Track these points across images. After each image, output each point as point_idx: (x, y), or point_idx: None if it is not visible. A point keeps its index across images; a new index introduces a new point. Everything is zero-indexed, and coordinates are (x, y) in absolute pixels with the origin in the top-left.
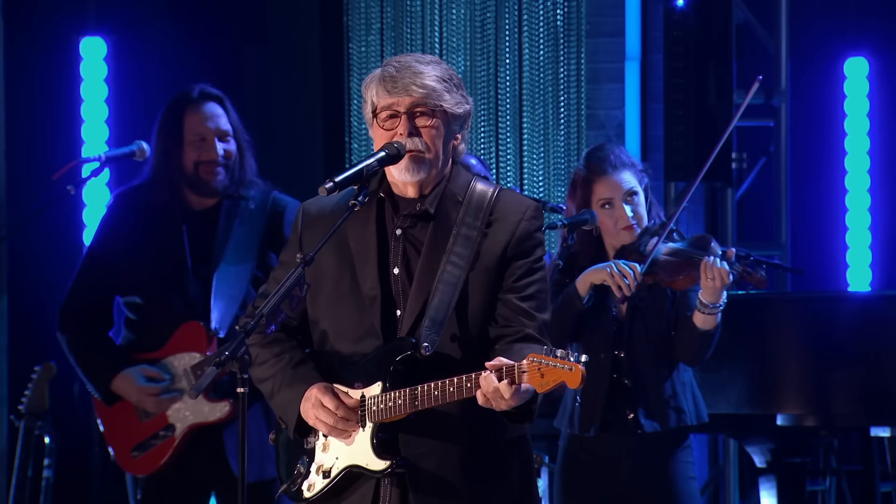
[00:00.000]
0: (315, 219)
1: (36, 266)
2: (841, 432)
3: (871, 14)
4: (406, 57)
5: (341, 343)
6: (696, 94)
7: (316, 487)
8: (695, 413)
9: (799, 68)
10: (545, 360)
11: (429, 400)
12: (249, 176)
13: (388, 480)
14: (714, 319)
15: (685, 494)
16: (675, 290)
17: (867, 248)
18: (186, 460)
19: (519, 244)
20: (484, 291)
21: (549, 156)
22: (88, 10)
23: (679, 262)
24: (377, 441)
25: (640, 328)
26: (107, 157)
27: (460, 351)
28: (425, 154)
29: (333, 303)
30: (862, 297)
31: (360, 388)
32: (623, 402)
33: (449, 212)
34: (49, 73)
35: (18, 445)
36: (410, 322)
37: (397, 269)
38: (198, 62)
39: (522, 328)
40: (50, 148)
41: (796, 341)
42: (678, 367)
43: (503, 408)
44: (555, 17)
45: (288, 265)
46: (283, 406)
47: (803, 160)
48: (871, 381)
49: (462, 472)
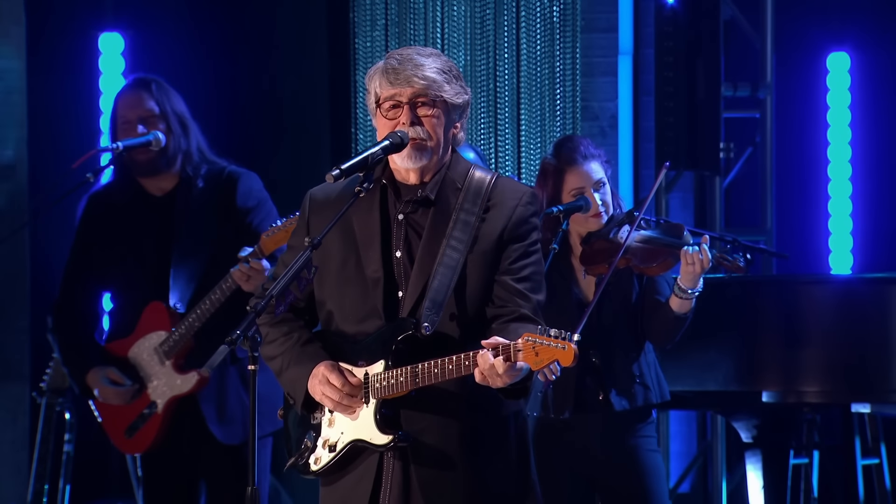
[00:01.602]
0: (321, 204)
1: (56, 250)
2: (823, 409)
3: (853, 11)
4: (407, 50)
5: (346, 323)
6: (685, 87)
7: (322, 461)
8: (658, 391)
9: (783, 63)
10: (539, 339)
11: (429, 377)
12: (196, 156)
13: (390, 454)
14: (690, 304)
15: (650, 467)
16: (642, 275)
17: (848, 234)
18: (174, 433)
19: (515, 228)
20: (482, 274)
21: (546, 146)
22: (106, 7)
23: (654, 249)
24: (380, 416)
25: (608, 310)
26: (124, 146)
27: (459, 331)
28: (427, 142)
29: (339, 285)
30: (843, 281)
31: (364, 366)
32: (593, 382)
33: (449, 198)
34: (69, 66)
35: (40, 421)
36: (412, 303)
37: (399, 252)
38: (209, 56)
39: (517, 308)
40: (70, 138)
41: (781, 322)
42: (644, 348)
43: (499, 384)
44: (551, 13)
45: (296, 249)
46: (292, 382)
47: (788, 150)
48: (852, 360)
49: (461, 445)
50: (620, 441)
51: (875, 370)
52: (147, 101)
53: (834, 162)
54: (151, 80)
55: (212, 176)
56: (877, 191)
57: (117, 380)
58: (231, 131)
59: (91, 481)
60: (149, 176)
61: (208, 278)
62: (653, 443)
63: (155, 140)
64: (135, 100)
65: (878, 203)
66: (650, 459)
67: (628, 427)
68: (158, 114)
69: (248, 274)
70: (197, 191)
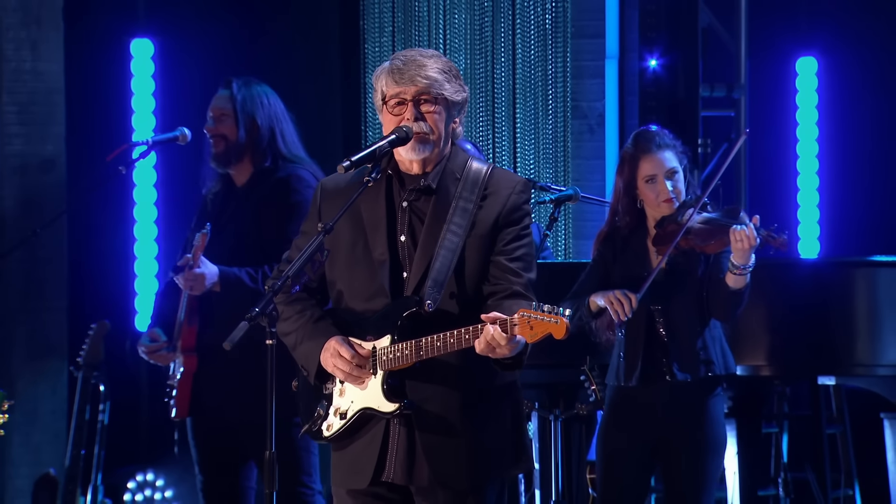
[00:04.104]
0: (331, 193)
1: (92, 236)
2: (792, 382)
3: (820, 20)
4: (411, 52)
5: (355, 301)
6: (666, 88)
7: (334, 427)
8: (723, 364)
9: (756, 66)
10: (534, 315)
11: (432, 350)
12: (270, 153)
13: (396, 421)
14: (744, 280)
15: (713, 438)
16: (707, 255)
17: (815, 223)
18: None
19: (509, 214)
20: (479, 255)
21: (539, 142)
22: (138, 16)
23: (710, 229)
24: (387, 386)
25: (675, 288)
26: (153, 141)
27: (458, 307)
28: (429, 135)
29: (348, 266)
30: (811, 264)
31: (372, 340)
32: (659, 354)
33: (448, 187)
34: (103, 69)
35: (77, 393)
36: (415, 283)
37: (404, 236)
38: (231, 61)
39: (511, 286)
40: (104, 134)
41: (754, 302)
42: (709, 324)
43: (499, 355)
44: (544, 20)
45: (308, 234)
46: (306, 356)
47: (760, 146)
48: (819, 337)
49: (461, 412)
50: (685, 410)
51: (839, 346)
52: (223, 99)
53: (802, 157)
54: (236, 80)
55: (278, 174)
56: (841, 183)
57: (155, 337)
58: None
59: (123, 448)
60: (222, 167)
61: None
62: (719, 416)
63: (181, 135)
64: (217, 98)
65: (842, 194)
66: (713, 434)
67: (694, 398)
68: (231, 111)
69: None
70: (264, 186)
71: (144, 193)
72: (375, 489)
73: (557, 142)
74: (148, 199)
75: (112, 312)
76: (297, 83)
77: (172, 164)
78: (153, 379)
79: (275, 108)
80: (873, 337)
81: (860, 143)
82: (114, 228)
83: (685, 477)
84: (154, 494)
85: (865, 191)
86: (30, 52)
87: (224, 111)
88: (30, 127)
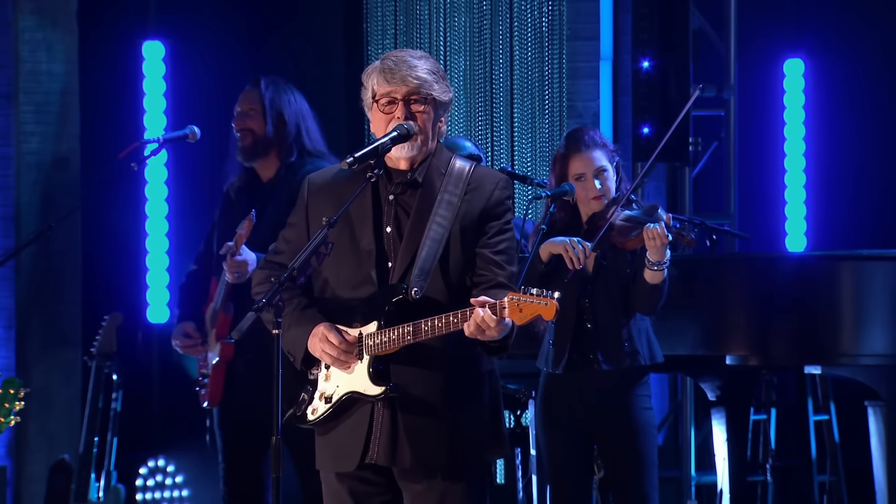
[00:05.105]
0: (318, 188)
1: (105, 230)
2: (779, 371)
3: (807, 23)
4: (401, 53)
5: (342, 290)
6: (658, 88)
7: (319, 411)
8: (649, 355)
9: (745, 68)
10: (523, 298)
11: (420, 334)
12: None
13: (381, 404)
14: (661, 275)
15: (641, 421)
16: (629, 251)
17: (802, 218)
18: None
19: (493, 208)
20: (463, 247)
21: (536, 140)
22: (149, 19)
23: (631, 226)
24: (373, 370)
25: (602, 282)
26: (164, 139)
27: (443, 295)
28: (418, 135)
29: (336, 256)
30: (797, 258)
31: (359, 326)
32: (587, 345)
33: (434, 181)
34: (116, 71)
35: (90, 382)
36: (401, 272)
37: (390, 228)
38: (239, 64)
39: (495, 277)
40: (117, 133)
41: (743, 294)
42: (634, 316)
43: (487, 338)
44: (540, 24)
45: (295, 226)
46: (293, 342)
47: (749, 144)
48: (805, 327)
49: (442, 396)
50: (614, 398)
51: (825, 336)
52: (252, 95)
53: (790, 155)
54: (264, 78)
55: (306, 167)
56: (827, 180)
57: (191, 333)
58: None
59: (135, 435)
60: (248, 160)
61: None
62: (646, 401)
63: (191, 133)
64: (245, 94)
65: (828, 191)
66: (642, 417)
67: (621, 386)
68: (259, 106)
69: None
70: (294, 179)
71: (156, 190)
72: (361, 472)
73: (554, 140)
74: (159, 196)
75: (124, 304)
76: (302, 84)
77: (183, 161)
78: (164, 368)
79: (300, 106)
80: (857, 327)
81: (845, 142)
82: (126, 224)
83: (624, 458)
84: (165, 480)
85: (850, 187)
86: (45, 54)
87: (252, 106)
88: (45, 126)
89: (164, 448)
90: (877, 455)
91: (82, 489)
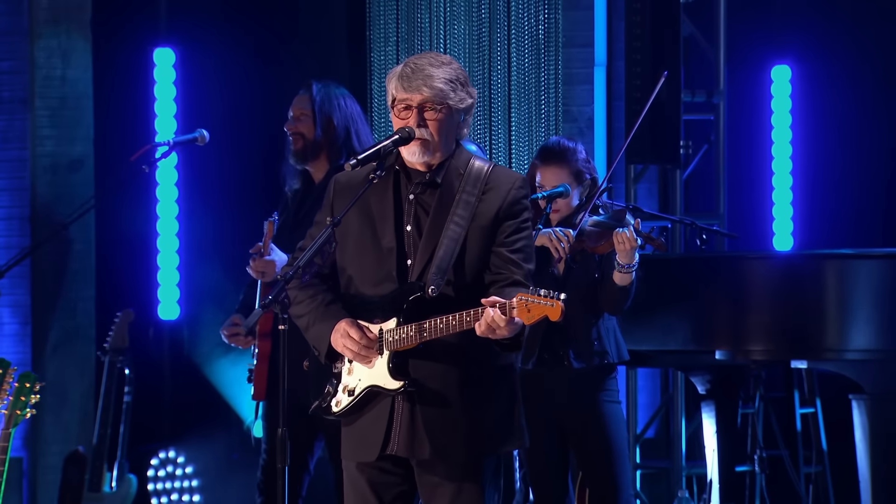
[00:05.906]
0: (343, 187)
1: (118, 230)
2: (767, 365)
3: (794, 31)
4: (422, 60)
5: (364, 286)
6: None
7: (342, 404)
8: (616, 353)
9: (734, 73)
10: (531, 298)
11: (435, 331)
12: (343, 151)
13: (400, 397)
14: (629, 277)
15: (610, 415)
16: (599, 254)
17: (789, 219)
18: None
19: (510, 207)
20: (480, 246)
21: (533, 143)
22: (160, 27)
23: (600, 231)
24: (392, 365)
25: (573, 283)
26: (174, 142)
27: (459, 293)
28: (430, 141)
29: (358, 254)
30: (785, 257)
31: (379, 322)
32: (556, 342)
33: (452, 181)
34: (128, 76)
35: (104, 376)
36: (419, 270)
37: (410, 226)
38: (247, 68)
39: (512, 275)
40: (129, 137)
41: (732, 292)
42: (603, 316)
43: (498, 336)
44: (537, 31)
45: (321, 225)
46: (317, 337)
47: (738, 148)
48: (791, 323)
49: (459, 390)
50: (584, 393)
51: (811, 331)
52: (303, 100)
53: (777, 158)
54: (316, 83)
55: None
56: (813, 182)
57: (237, 321)
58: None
59: (147, 427)
60: (300, 163)
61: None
62: (614, 395)
63: (200, 137)
64: (297, 99)
65: (814, 192)
66: (610, 410)
67: (590, 382)
68: (310, 111)
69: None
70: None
71: (166, 191)
72: (381, 463)
73: None
74: (170, 197)
75: (136, 301)
76: None
77: (192, 163)
78: (174, 363)
79: (351, 110)
80: (842, 323)
81: (830, 145)
82: (138, 224)
83: (595, 450)
84: (175, 470)
85: (835, 189)
86: (60, 60)
87: (304, 111)
88: (60, 129)
89: (175, 440)
90: (860, 446)
91: (96, 479)
